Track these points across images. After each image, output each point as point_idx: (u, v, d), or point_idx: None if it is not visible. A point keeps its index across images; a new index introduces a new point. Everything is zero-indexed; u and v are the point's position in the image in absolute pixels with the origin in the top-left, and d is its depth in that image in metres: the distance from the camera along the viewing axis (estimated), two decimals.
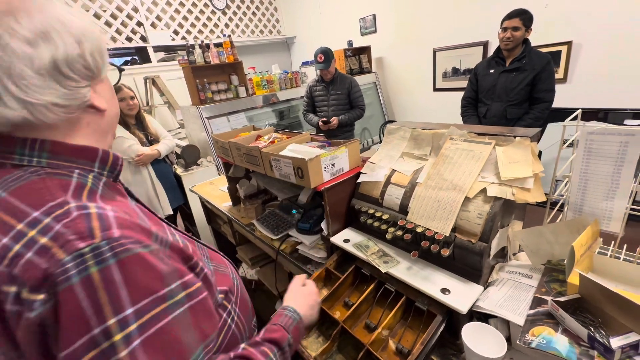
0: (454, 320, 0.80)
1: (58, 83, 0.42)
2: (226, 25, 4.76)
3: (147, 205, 0.57)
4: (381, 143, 1.21)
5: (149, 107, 3.70)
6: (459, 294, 0.79)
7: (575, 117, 0.86)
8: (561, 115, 1.79)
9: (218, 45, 3.06)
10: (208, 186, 2.20)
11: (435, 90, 3.84)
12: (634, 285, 0.73)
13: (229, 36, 3.22)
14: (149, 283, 0.39)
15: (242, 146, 1.32)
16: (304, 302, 0.73)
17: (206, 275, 0.51)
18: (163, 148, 2.37)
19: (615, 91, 2.55)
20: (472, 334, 0.71)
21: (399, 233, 0.93)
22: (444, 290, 0.81)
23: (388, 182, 1.05)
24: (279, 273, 1.49)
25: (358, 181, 1.14)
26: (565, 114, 0.97)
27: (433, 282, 0.84)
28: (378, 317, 0.89)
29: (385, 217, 1.01)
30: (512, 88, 2.22)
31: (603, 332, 0.60)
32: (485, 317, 0.78)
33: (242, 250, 1.87)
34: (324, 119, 2.77)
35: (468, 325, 0.74)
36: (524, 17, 2.10)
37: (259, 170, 1.28)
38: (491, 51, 2.77)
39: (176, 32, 4.27)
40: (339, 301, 0.98)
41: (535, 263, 0.87)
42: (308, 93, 2.99)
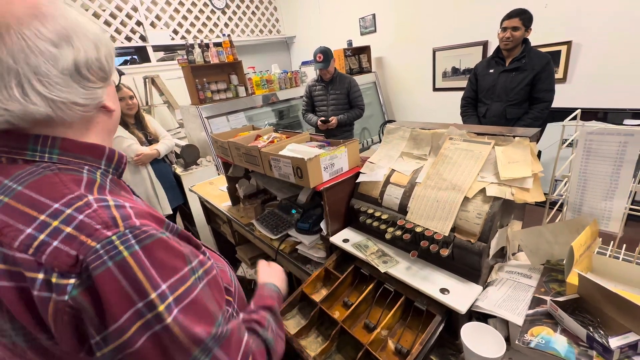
0: (453, 320, 0.80)
1: (77, 83, 0.45)
2: (226, 24, 4.76)
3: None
4: (380, 143, 1.21)
5: (149, 107, 3.69)
6: (458, 294, 0.79)
7: (574, 117, 0.86)
8: (560, 115, 1.80)
9: (217, 44, 3.05)
10: (207, 186, 2.20)
11: (434, 90, 3.84)
12: (633, 285, 0.74)
13: (229, 36, 3.21)
14: (174, 263, 0.44)
15: (242, 146, 1.32)
16: (277, 278, 0.82)
17: (211, 259, 0.54)
18: (162, 148, 2.37)
19: (614, 91, 2.55)
20: (471, 334, 0.71)
21: (398, 233, 0.93)
22: (443, 290, 0.81)
23: (387, 182, 1.05)
24: None
25: (357, 181, 1.14)
26: (564, 114, 0.97)
27: (432, 282, 0.84)
28: (377, 317, 0.89)
29: (384, 217, 1.01)
30: (512, 88, 2.22)
31: (602, 332, 0.60)
32: (484, 317, 0.78)
33: (242, 250, 1.87)
34: (323, 119, 2.76)
35: (467, 325, 0.74)
36: (524, 17, 2.09)
37: (259, 170, 1.28)
38: (491, 51, 2.77)
39: (176, 32, 4.26)
40: (338, 301, 0.98)
41: (534, 263, 0.87)
42: (307, 93, 2.99)
